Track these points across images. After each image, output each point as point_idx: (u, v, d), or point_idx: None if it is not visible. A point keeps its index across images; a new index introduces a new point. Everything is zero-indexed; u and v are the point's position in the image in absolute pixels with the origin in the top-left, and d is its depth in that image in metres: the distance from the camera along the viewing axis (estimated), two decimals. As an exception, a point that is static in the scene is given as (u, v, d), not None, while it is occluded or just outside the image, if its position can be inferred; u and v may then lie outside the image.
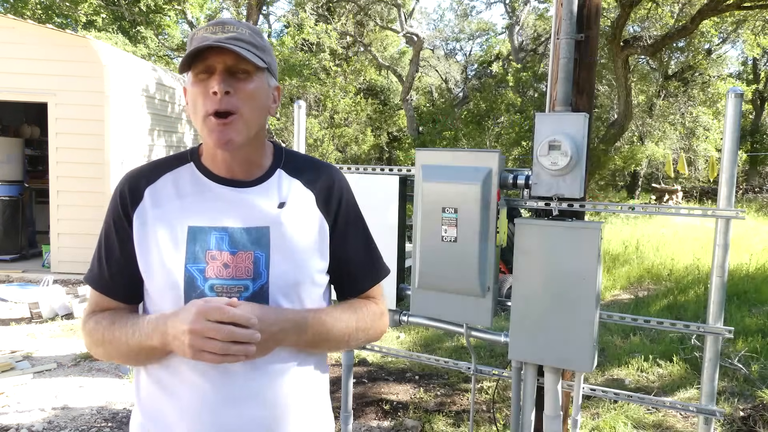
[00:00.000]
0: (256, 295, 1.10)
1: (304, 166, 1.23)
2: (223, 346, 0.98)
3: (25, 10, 14.17)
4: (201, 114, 1.08)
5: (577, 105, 2.39)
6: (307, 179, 1.21)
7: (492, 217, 2.25)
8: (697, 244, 9.34)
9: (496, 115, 14.07)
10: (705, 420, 2.19)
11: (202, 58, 1.07)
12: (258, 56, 1.10)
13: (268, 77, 1.15)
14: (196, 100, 1.09)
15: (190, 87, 1.11)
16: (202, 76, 1.08)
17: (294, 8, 16.08)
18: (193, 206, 1.13)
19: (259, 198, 1.15)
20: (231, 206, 1.14)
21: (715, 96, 16.00)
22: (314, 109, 16.54)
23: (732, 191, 2.09)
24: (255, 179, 1.17)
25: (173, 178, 1.17)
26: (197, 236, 1.11)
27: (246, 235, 1.12)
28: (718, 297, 2.13)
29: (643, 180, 20.35)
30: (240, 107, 1.08)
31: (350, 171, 2.73)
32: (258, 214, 1.14)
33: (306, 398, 1.18)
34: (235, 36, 1.08)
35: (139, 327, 1.08)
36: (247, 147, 1.14)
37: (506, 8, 20.39)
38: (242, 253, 1.11)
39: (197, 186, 1.16)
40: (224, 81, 1.06)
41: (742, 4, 8.96)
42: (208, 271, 1.09)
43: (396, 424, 3.51)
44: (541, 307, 2.21)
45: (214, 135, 1.08)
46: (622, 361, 4.55)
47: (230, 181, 1.16)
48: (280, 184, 1.18)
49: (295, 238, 1.15)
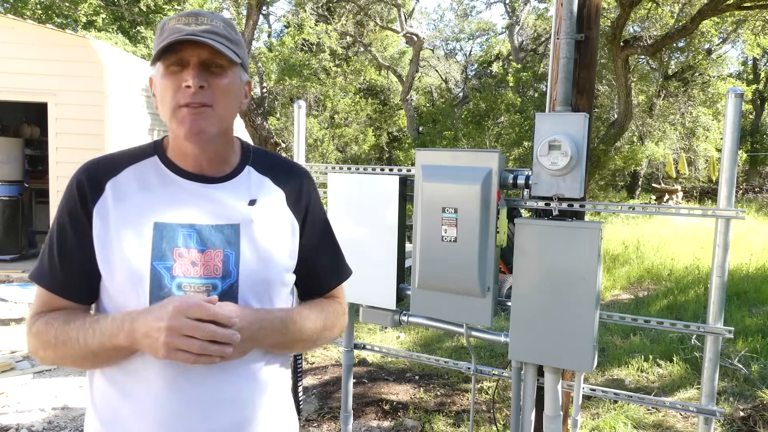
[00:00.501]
0: (225, 294, 1.06)
1: (273, 164, 1.21)
2: (201, 346, 0.94)
3: (25, 10, 14.17)
4: (171, 106, 1.04)
5: (577, 105, 2.39)
6: (276, 177, 1.19)
7: (492, 217, 2.25)
8: (697, 244, 9.34)
9: (496, 115, 14.07)
10: (705, 420, 2.19)
11: (175, 50, 1.04)
12: (233, 50, 1.07)
13: (240, 72, 1.12)
14: (166, 93, 1.05)
15: (159, 78, 1.07)
16: (174, 69, 1.05)
17: (294, 8, 16.07)
18: (158, 202, 1.09)
19: (229, 195, 1.12)
20: (199, 202, 1.10)
21: (715, 96, 16.00)
22: (314, 109, 16.54)
23: (732, 191, 2.09)
24: (224, 176, 1.14)
25: (137, 171, 1.11)
26: (164, 233, 1.06)
27: (215, 232, 1.09)
28: (718, 297, 2.13)
29: (643, 180, 20.35)
30: (213, 101, 1.05)
31: (350, 171, 2.73)
32: (228, 212, 1.11)
33: (272, 399, 1.16)
34: (209, 29, 1.05)
35: (101, 326, 1.02)
36: (217, 142, 1.11)
37: (506, 8, 20.39)
38: (211, 251, 1.07)
39: (163, 181, 1.11)
40: (199, 75, 1.03)
41: (742, 4, 8.95)
42: (176, 269, 1.05)
43: (396, 424, 3.50)
44: (541, 307, 2.21)
45: (185, 125, 1.04)
46: (622, 361, 4.55)
47: (198, 177, 1.12)
48: (249, 182, 1.16)
49: (266, 237, 1.12)
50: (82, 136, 6.97)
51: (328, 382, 4.13)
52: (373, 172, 2.68)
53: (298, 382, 3.48)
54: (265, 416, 1.14)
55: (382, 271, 2.56)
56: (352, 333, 2.88)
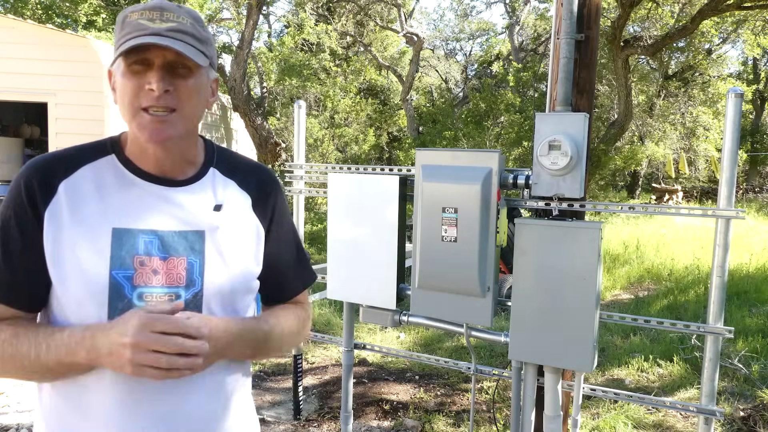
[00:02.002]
0: (189, 304, 1.01)
1: (238, 166, 1.15)
2: (170, 360, 0.88)
3: (25, 10, 14.16)
4: (133, 107, 0.97)
5: (577, 105, 2.39)
6: (241, 180, 1.13)
7: (492, 217, 2.26)
8: (697, 244, 9.34)
9: (495, 115, 14.07)
10: (705, 420, 2.19)
11: (139, 49, 0.96)
12: (200, 51, 1.00)
13: (208, 71, 1.05)
14: (126, 93, 0.97)
15: (120, 76, 0.99)
16: (136, 68, 0.97)
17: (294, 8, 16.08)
18: (117, 205, 1.01)
19: (193, 199, 1.06)
20: (162, 207, 1.03)
21: (715, 96, 16.00)
22: (314, 109, 16.54)
23: (732, 191, 2.09)
24: (188, 178, 1.07)
25: (92, 171, 1.02)
26: (123, 239, 0.99)
27: (179, 239, 1.02)
28: (718, 297, 2.13)
29: (644, 180, 20.35)
30: (178, 105, 0.98)
31: (350, 171, 2.73)
32: (192, 217, 1.04)
33: (234, 409, 1.12)
34: (176, 27, 0.97)
35: (57, 341, 0.94)
36: (182, 144, 1.04)
37: (506, 8, 20.41)
38: (174, 259, 1.01)
39: (121, 182, 1.03)
40: (163, 79, 0.96)
41: (742, 4, 8.95)
42: (137, 278, 0.98)
43: (396, 424, 3.50)
44: (542, 307, 2.21)
45: (147, 131, 0.97)
46: (622, 361, 4.55)
47: (160, 179, 1.04)
48: (215, 185, 1.09)
49: (232, 244, 1.07)
50: (82, 136, 6.87)
51: (328, 382, 4.13)
52: (373, 172, 2.68)
53: (298, 382, 3.49)
54: (227, 428, 1.10)
55: (382, 271, 2.56)
56: (352, 333, 2.88)
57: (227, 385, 1.09)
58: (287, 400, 3.79)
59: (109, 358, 0.90)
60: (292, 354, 3.40)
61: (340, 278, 2.69)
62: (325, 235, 4.12)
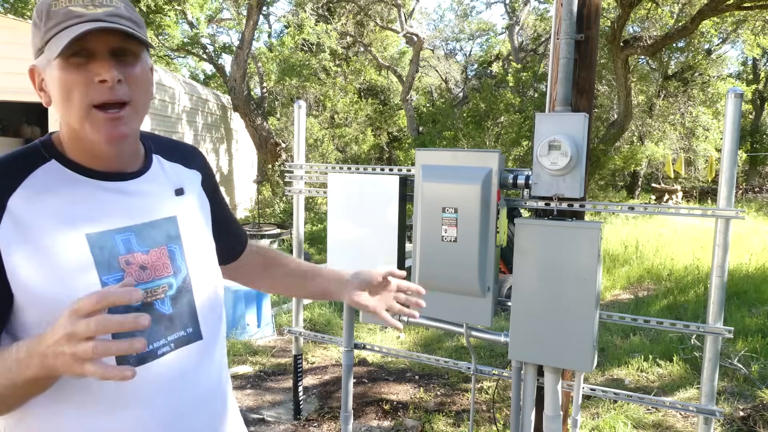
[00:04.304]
0: (181, 290, 1.01)
1: (172, 147, 1.14)
2: (96, 347, 0.72)
3: (25, 11, 14.16)
4: (82, 106, 0.89)
5: (577, 105, 2.39)
6: (184, 161, 1.14)
7: (492, 217, 2.26)
8: (697, 244, 9.34)
9: (495, 115, 14.07)
10: (705, 420, 2.19)
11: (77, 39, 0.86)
12: (141, 33, 0.93)
13: (147, 57, 0.98)
14: (72, 90, 0.88)
15: (57, 72, 0.89)
16: (77, 61, 0.88)
17: (294, 8, 16.07)
18: (81, 211, 0.93)
19: (152, 188, 1.03)
20: (125, 201, 0.99)
21: (715, 96, 16.01)
22: (314, 109, 16.54)
23: (732, 191, 2.09)
24: (138, 169, 1.03)
25: (37, 182, 0.92)
26: (101, 243, 0.93)
27: (153, 229, 1.00)
28: (718, 297, 2.13)
29: (643, 180, 20.35)
30: (131, 97, 0.92)
31: (350, 171, 2.73)
32: (158, 205, 1.02)
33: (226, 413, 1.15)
34: (112, 11, 0.90)
35: (8, 359, 0.81)
36: (132, 137, 1.00)
37: (506, 8, 20.41)
38: (155, 250, 0.99)
39: (75, 187, 0.95)
40: (114, 67, 0.89)
41: (742, 4, 8.96)
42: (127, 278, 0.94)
43: (396, 424, 3.51)
44: (541, 307, 2.21)
45: (103, 132, 0.90)
46: (622, 361, 4.55)
47: (113, 175, 0.99)
48: (164, 170, 1.08)
49: (198, 223, 1.10)
50: (82, 136, 6.96)
51: (328, 382, 4.13)
52: (373, 172, 2.68)
53: (298, 382, 3.49)
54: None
55: (382, 271, 2.56)
56: (352, 333, 2.88)
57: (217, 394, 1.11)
58: (287, 400, 3.79)
59: (59, 361, 0.76)
60: (292, 354, 3.40)
61: (340, 278, 2.68)
62: (325, 235, 4.12)
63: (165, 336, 0.99)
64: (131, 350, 0.75)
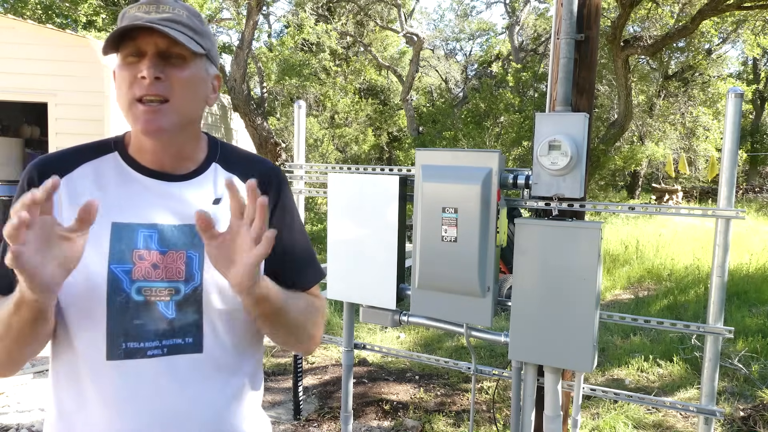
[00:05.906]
0: (188, 298, 1.01)
1: (240, 160, 1.14)
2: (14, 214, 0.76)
3: (25, 10, 14.16)
4: (127, 98, 0.98)
5: (577, 105, 2.39)
6: (243, 173, 1.10)
7: (492, 217, 2.26)
8: (697, 244, 9.34)
9: (495, 115, 14.07)
10: (705, 420, 2.19)
11: (132, 39, 0.96)
12: (195, 41, 0.99)
13: (206, 64, 1.05)
14: (122, 84, 0.98)
15: (117, 69, 1.00)
16: (130, 59, 0.98)
17: (294, 8, 16.08)
18: (116, 200, 1.01)
19: (193, 193, 1.05)
20: (161, 201, 1.03)
21: (715, 96, 16.01)
22: (314, 109, 16.54)
23: (732, 191, 2.09)
24: (188, 173, 1.07)
25: (93, 168, 1.04)
26: (122, 234, 0.99)
27: (178, 233, 1.02)
28: (718, 297, 2.13)
29: (643, 180, 20.35)
30: (171, 94, 0.98)
31: (350, 171, 2.73)
32: (191, 211, 1.00)
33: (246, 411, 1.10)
34: (170, 17, 0.97)
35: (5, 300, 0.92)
36: (179, 138, 1.04)
37: (506, 8, 20.40)
38: (173, 253, 1.00)
39: (122, 178, 1.04)
40: (155, 65, 0.96)
41: (742, 4, 8.96)
42: (135, 272, 0.98)
43: (396, 424, 3.50)
44: (542, 307, 2.21)
45: (140, 122, 0.97)
46: (622, 361, 4.55)
47: (160, 174, 1.04)
48: (216, 179, 1.08)
49: None
50: (82, 137, 6.90)
51: (328, 382, 4.13)
52: (373, 172, 2.68)
53: (298, 382, 3.49)
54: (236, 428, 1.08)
55: (382, 271, 2.56)
56: (352, 333, 2.88)
57: (234, 386, 1.07)
58: (287, 400, 3.79)
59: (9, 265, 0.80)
60: (292, 354, 3.40)
61: (340, 278, 2.69)
62: (325, 235, 4.12)
63: (160, 338, 0.99)
64: (86, 212, 0.81)
